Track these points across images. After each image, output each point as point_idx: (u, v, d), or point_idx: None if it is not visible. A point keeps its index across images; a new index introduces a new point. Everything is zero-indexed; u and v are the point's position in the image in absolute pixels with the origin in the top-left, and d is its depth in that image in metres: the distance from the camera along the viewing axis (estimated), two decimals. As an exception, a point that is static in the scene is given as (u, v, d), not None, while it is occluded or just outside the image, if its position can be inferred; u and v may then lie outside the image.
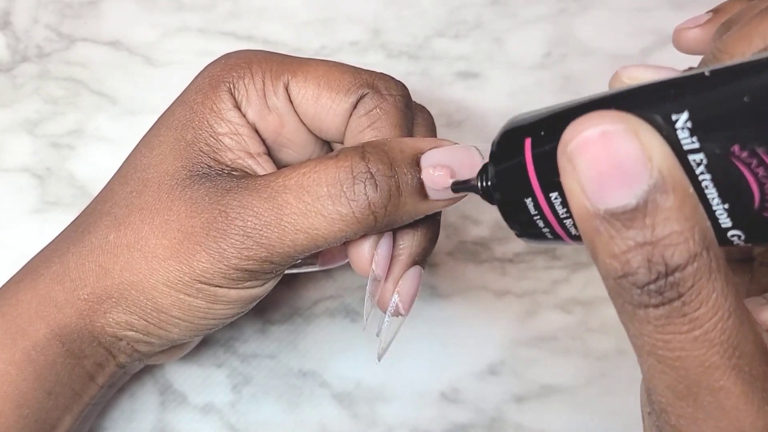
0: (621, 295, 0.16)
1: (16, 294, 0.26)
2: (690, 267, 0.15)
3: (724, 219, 0.16)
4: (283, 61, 0.27)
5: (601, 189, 0.15)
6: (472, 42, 0.39)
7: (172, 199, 0.25)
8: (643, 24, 0.39)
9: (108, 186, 0.27)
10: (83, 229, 0.26)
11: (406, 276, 0.26)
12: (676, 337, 0.16)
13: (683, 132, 0.16)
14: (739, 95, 0.15)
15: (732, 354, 0.16)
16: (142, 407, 0.34)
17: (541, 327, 0.35)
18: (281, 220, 0.24)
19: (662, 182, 0.15)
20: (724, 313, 0.16)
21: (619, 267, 0.16)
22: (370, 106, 0.26)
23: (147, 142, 0.27)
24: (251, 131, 0.26)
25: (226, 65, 0.27)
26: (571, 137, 0.16)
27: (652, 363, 0.17)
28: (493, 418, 0.34)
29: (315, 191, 0.23)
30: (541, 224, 0.20)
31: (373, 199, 0.23)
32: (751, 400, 0.16)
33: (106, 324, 0.26)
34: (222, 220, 0.24)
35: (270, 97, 0.26)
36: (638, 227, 0.15)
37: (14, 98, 0.38)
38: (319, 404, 0.35)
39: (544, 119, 0.19)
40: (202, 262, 0.24)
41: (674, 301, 0.16)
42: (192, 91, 0.27)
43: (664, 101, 0.16)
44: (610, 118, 0.15)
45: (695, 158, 0.16)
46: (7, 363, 0.25)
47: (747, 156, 0.15)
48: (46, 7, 0.40)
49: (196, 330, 0.26)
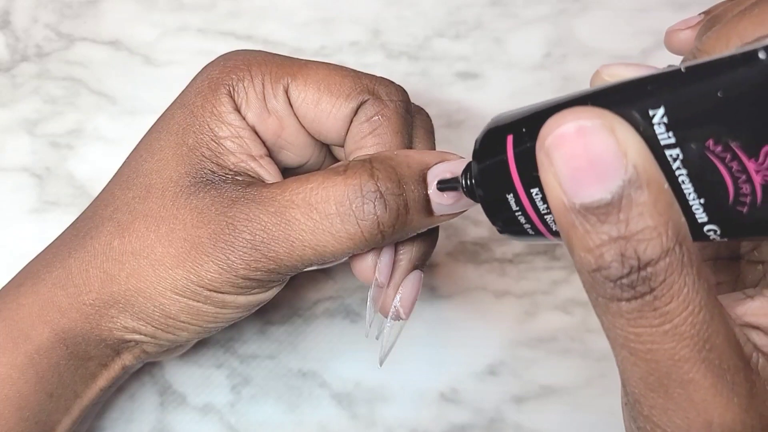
0: (595, 288, 0.17)
1: (17, 298, 0.26)
2: (662, 262, 0.16)
3: (701, 214, 0.17)
4: (283, 63, 0.27)
5: (576, 184, 0.16)
6: (472, 42, 0.39)
7: (177, 207, 0.25)
8: (643, 24, 0.39)
9: (109, 190, 0.27)
10: (85, 234, 0.26)
11: (406, 281, 0.26)
12: (647, 331, 0.16)
13: (660, 127, 0.16)
14: (713, 90, 0.15)
15: (702, 347, 0.16)
16: (141, 408, 0.34)
17: (540, 327, 0.35)
18: (289, 235, 0.24)
19: (637, 178, 0.15)
20: (694, 307, 0.16)
21: (593, 260, 0.16)
22: (371, 113, 0.26)
23: (148, 146, 0.27)
24: (252, 134, 0.26)
25: (225, 67, 0.26)
26: (548, 132, 0.16)
27: (625, 355, 0.17)
28: (492, 418, 0.34)
29: (323, 209, 0.23)
30: (522, 220, 0.20)
31: (383, 219, 0.23)
32: (720, 392, 0.16)
33: (114, 328, 0.26)
34: (229, 232, 0.24)
35: (270, 100, 0.26)
36: (612, 222, 0.16)
37: (13, 98, 0.38)
38: (319, 405, 0.35)
39: (525, 117, 0.19)
40: (210, 271, 0.24)
41: (646, 295, 0.16)
42: (191, 93, 0.26)
43: (641, 97, 0.16)
44: (587, 114, 0.16)
45: (672, 153, 0.16)
46: (8, 366, 0.25)
47: (721, 150, 0.15)
48: (45, 7, 0.39)
49: (203, 332, 0.26)
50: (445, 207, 0.24)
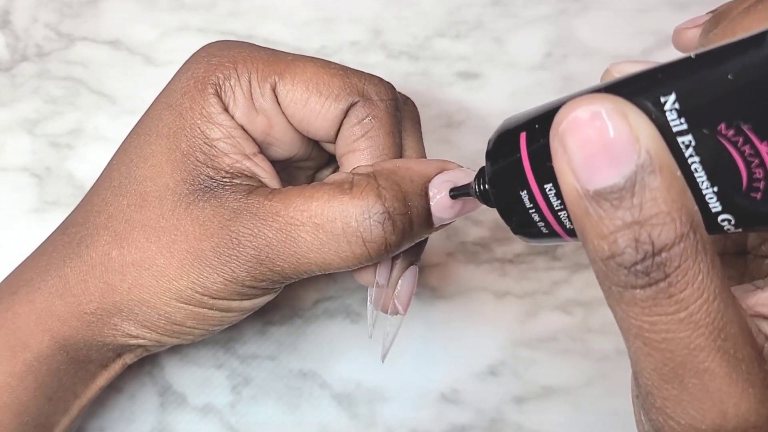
0: (608, 277, 0.16)
1: (11, 307, 0.26)
2: (676, 247, 0.16)
3: (714, 203, 0.17)
4: (269, 59, 0.26)
5: (590, 169, 0.16)
6: (473, 42, 0.39)
7: (177, 217, 0.25)
8: (644, 24, 0.39)
9: (100, 195, 0.27)
10: (79, 242, 0.26)
11: (403, 277, 0.27)
12: (662, 319, 0.16)
13: (672, 114, 0.16)
14: (723, 74, 0.15)
15: (717, 336, 0.16)
16: (141, 408, 0.34)
17: (541, 328, 0.35)
18: (295, 252, 0.24)
19: (650, 162, 0.15)
20: (709, 295, 0.16)
21: (606, 247, 0.16)
22: (363, 115, 0.26)
23: (138, 150, 0.26)
24: (243, 132, 0.26)
25: (210, 64, 0.26)
26: (562, 118, 0.16)
27: (639, 346, 0.17)
28: (493, 419, 0.34)
29: (330, 229, 0.23)
30: (536, 218, 0.20)
31: (390, 240, 0.24)
32: (735, 381, 0.16)
33: (117, 334, 0.26)
34: (233, 247, 0.24)
35: (257, 99, 0.26)
36: (626, 207, 0.16)
37: (13, 97, 0.38)
38: (319, 405, 0.35)
39: (538, 115, 0.19)
40: (216, 283, 0.24)
41: (660, 282, 0.16)
42: (177, 93, 0.26)
43: (652, 85, 0.16)
44: (600, 99, 0.16)
45: (684, 140, 0.16)
46: (6, 375, 0.25)
47: (733, 134, 0.15)
48: (45, 6, 0.39)
49: (208, 334, 0.27)
50: (444, 219, 0.25)
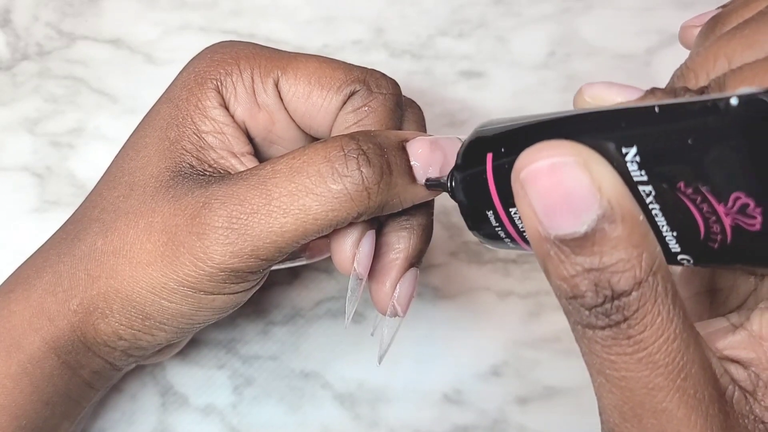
0: (572, 314, 0.17)
1: (8, 305, 0.26)
2: (635, 292, 0.16)
3: (674, 245, 0.17)
4: (272, 56, 0.26)
5: (551, 217, 0.16)
6: (476, 41, 0.39)
7: (156, 200, 0.24)
8: (648, 23, 0.39)
9: (97, 191, 0.27)
10: (73, 237, 0.26)
11: (403, 278, 0.26)
12: (621, 358, 0.16)
13: (632, 165, 0.16)
14: (684, 135, 0.15)
15: (677, 376, 0.16)
16: (143, 408, 0.34)
17: (544, 328, 0.35)
18: (269, 204, 0.23)
19: (611, 212, 0.16)
20: (669, 335, 0.16)
21: (568, 289, 0.16)
22: (359, 104, 0.25)
23: (133, 144, 0.26)
24: (236, 130, 0.26)
25: (212, 61, 0.26)
26: (522, 166, 0.16)
27: (602, 382, 0.17)
28: (495, 419, 0.34)
29: (305, 170, 0.23)
30: (502, 235, 0.21)
31: (367, 174, 0.23)
32: (694, 423, 0.16)
33: (97, 336, 0.25)
34: (206, 213, 0.23)
35: (260, 94, 0.26)
36: (586, 254, 0.16)
37: (14, 96, 0.38)
38: (321, 406, 0.34)
39: (505, 135, 0.20)
40: (186, 264, 0.23)
41: (620, 323, 0.16)
42: (177, 87, 0.26)
43: (615, 133, 0.16)
44: (561, 149, 0.16)
45: (644, 189, 0.16)
46: (2, 376, 0.25)
47: (692, 193, 0.16)
48: (46, 5, 0.39)
49: (182, 333, 0.26)
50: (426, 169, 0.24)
